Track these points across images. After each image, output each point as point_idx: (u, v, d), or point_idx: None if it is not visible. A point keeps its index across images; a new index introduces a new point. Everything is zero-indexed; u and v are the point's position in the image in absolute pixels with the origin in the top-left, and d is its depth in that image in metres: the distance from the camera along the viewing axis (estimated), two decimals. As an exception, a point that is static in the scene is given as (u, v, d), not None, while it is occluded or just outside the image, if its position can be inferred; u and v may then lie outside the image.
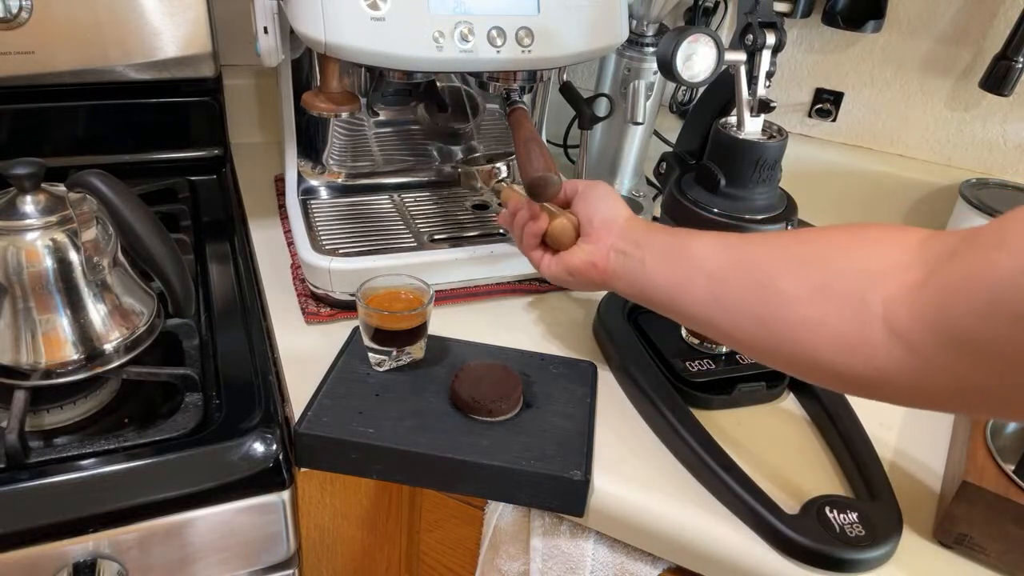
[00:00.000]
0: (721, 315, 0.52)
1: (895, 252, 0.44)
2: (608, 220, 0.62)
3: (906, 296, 0.41)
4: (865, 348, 0.43)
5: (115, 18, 0.87)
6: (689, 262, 0.54)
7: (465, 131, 0.91)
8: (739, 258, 0.51)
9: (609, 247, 0.61)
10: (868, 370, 0.43)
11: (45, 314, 0.60)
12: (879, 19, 0.95)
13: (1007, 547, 0.53)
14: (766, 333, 0.48)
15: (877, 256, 0.44)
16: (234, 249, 0.85)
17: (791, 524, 0.53)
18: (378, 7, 0.65)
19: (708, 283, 0.52)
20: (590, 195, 0.65)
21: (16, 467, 0.56)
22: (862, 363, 0.43)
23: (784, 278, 0.47)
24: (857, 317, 0.43)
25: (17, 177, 0.59)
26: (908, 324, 0.41)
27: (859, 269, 0.44)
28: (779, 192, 0.67)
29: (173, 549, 0.59)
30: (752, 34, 0.63)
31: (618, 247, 0.60)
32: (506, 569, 0.65)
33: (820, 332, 0.45)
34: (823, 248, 0.48)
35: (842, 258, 0.46)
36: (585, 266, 0.62)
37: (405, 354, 0.67)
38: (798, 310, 0.46)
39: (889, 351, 0.41)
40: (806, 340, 0.46)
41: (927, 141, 1.00)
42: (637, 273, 0.58)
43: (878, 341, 0.42)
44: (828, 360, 0.45)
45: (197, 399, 0.65)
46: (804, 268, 0.47)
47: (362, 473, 0.61)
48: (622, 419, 0.65)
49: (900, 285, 0.42)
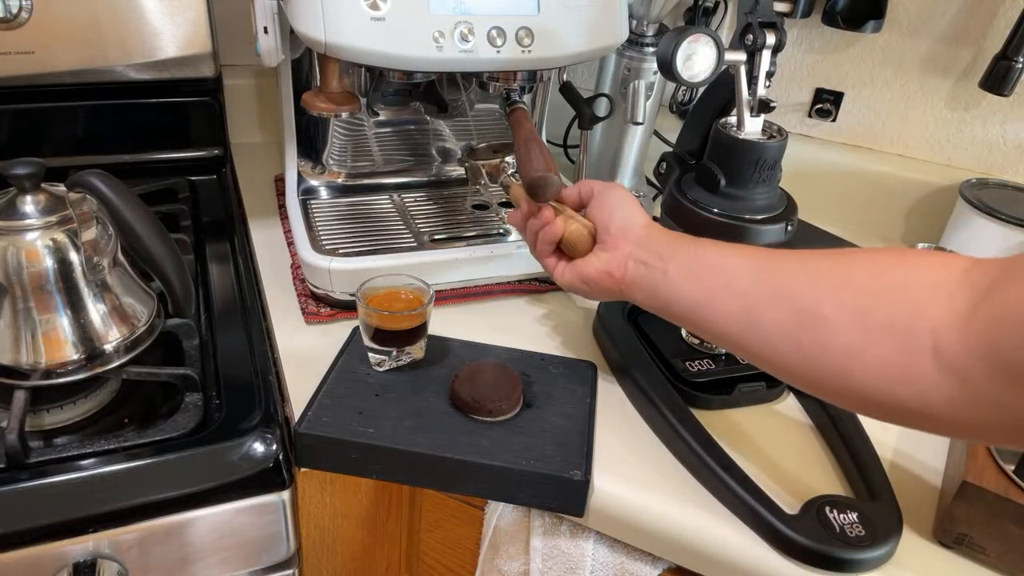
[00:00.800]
0: (754, 337, 0.49)
1: (939, 278, 0.42)
2: (626, 227, 0.60)
3: (955, 325, 0.40)
4: (913, 378, 0.41)
5: (115, 18, 0.87)
6: (717, 277, 0.52)
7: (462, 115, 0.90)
8: (774, 278, 0.49)
9: (627, 255, 0.58)
10: (915, 401, 0.41)
11: (45, 314, 0.60)
12: (879, 19, 0.95)
13: (1007, 547, 0.53)
14: (806, 361, 0.46)
15: (921, 282, 0.43)
16: (234, 249, 0.85)
17: (791, 524, 0.53)
18: (378, 7, 0.65)
19: (740, 302, 0.50)
20: (607, 199, 0.62)
21: (16, 467, 0.56)
22: (910, 394, 0.41)
23: (825, 303, 0.45)
24: (904, 346, 0.41)
25: (17, 177, 0.59)
26: (958, 354, 0.39)
27: (903, 295, 0.43)
28: (779, 192, 0.67)
29: (173, 549, 0.59)
30: (752, 34, 0.63)
31: (637, 256, 0.58)
32: (506, 569, 0.65)
33: (865, 361, 0.43)
34: (865, 272, 0.46)
35: (886, 284, 0.44)
36: (601, 275, 0.60)
37: (405, 354, 0.67)
38: (841, 338, 0.44)
39: (938, 382, 0.40)
40: (849, 369, 0.44)
41: (927, 141, 1.00)
42: (658, 284, 0.56)
43: (927, 371, 0.41)
44: (873, 390, 0.43)
45: (197, 399, 0.65)
46: (845, 293, 0.45)
47: (362, 473, 0.61)
48: (622, 419, 0.65)
49: (948, 313, 0.40)
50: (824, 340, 0.45)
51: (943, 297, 0.41)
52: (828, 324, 0.45)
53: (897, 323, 0.42)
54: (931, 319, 0.41)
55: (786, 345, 0.47)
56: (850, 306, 0.44)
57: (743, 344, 0.51)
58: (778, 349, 0.48)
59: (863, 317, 0.44)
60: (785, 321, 0.47)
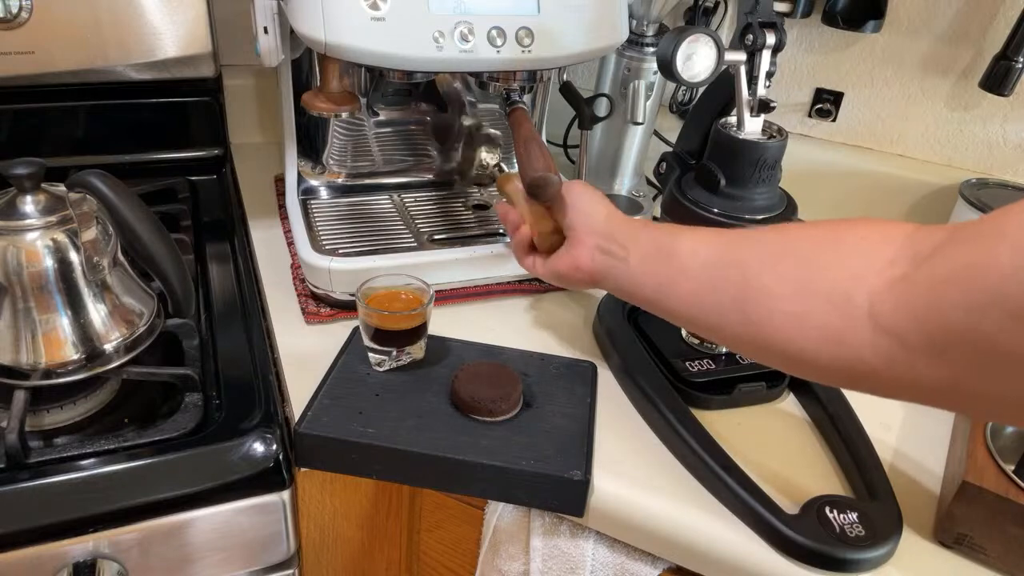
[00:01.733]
0: (706, 313, 0.52)
1: (880, 246, 0.43)
2: (587, 219, 0.62)
3: (892, 289, 0.41)
4: (851, 342, 0.43)
5: (115, 18, 0.87)
6: (673, 260, 0.54)
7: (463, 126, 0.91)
8: (721, 255, 0.51)
9: (592, 247, 0.61)
10: (855, 363, 0.43)
11: (45, 314, 0.60)
12: (879, 19, 0.95)
13: (1007, 547, 0.53)
14: (753, 330, 0.48)
15: (861, 251, 0.44)
16: (234, 249, 0.85)
17: (791, 524, 0.53)
18: (378, 7, 0.65)
19: (691, 282, 0.53)
20: (567, 197, 0.65)
21: (16, 467, 0.56)
22: (849, 356, 0.43)
23: (766, 274, 0.48)
24: (841, 312, 0.43)
25: (17, 177, 0.59)
26: (894, 317, 0.40)
27: (842, 264, 0.44)
28: (779, 192, 0.68)
29: (173, 549, 0.59)
30: (752, 34, 0.63)
31: (601, 246, 0.60)
32: (506, 569, 0.65)
33: (805, 327, 0.45)
34: (805, 244, 0.48)
35: (825, 253, 0.46)
36: (569, 269, 0.63)
37: (405, 354, 0.67)
38: (781, 306, 0.46)
39: (875, 344, 0.41)
40: (791, 336, 0.46)
41: (927, 141, 1.00)
42: (621, 273, 0.58)
43: (864, 335, 0.42)
44: (814, 354, 0.45)
45: (197, 399, 0.65)
46: (785, 264, 0.47)
47: (362, 473, 0.61)
48: (622, 419, 0.65)
49: (886, 279, 0.42)
50: (767, 310, 0.47)
51: (881, 262, 0.42)
52: (770, 294, 0.47)
53: (836, 291, 0.44)
54: (868, 283, 0.42)
55: (732, 315, 0.49)
56: (791, 276, 0.46)
57: (699, 321, 0.53)
58: (725, 319, 0.50)
59: (804, 286, 0.45)
60: (731, 293, 0.49)
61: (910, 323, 0.40)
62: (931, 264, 0.40)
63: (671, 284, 0.54)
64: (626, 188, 1.01)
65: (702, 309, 0.52)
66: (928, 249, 0.41)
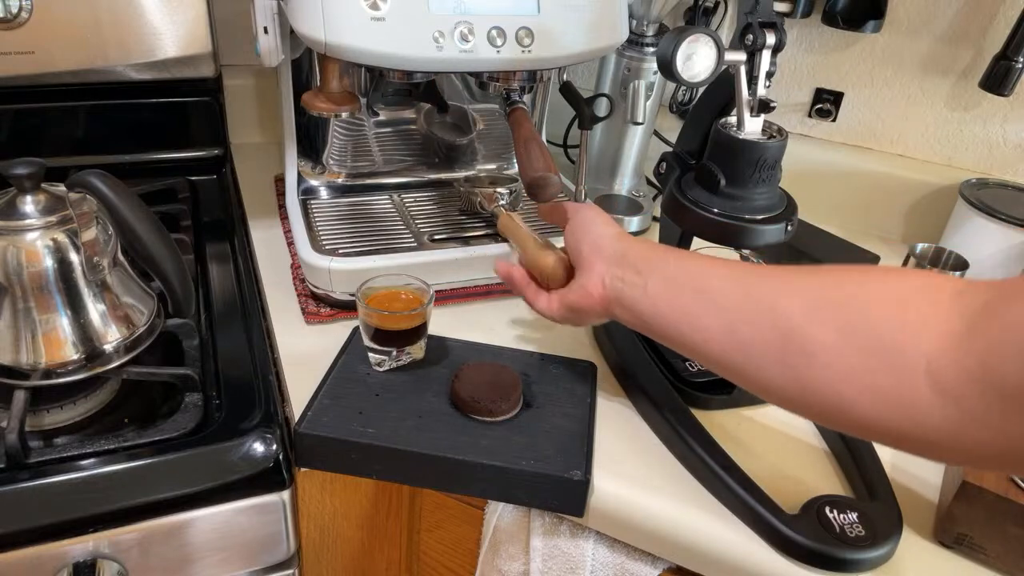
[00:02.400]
0: (739, 356, 0.47)
1: (931, 299, 0.41)
2: (597, 245, 0.58)
3: (949, 347, 0.38)
4: (906, 402, 0.40)
5: (115, 18, 0.87)
6: (699, 292, 0.50)
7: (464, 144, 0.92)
8: (759, 294, 0.47)
9: (602, 274, 0.57)
10: (909, 425, 0.40)
11: (45, 314, 0.60)
12: (879, 19, 0.95)
13: (1007, 547, 0.53)
14: (793, 381, 0.44)
15: (914, 304, 0.41)
16: (234, 249, 0.85)
17: (791, 524, 0.53)
18: (378, 7, 0.65)
19: (723, 319, 0.48)
20: (575, 223, 0.62)
21: (16, 467, 0.56)
22: (902, 417, 0.40)
23: (811, 322, 0.43)
24: (895, 368, 0.40)
25: (17, 177, 0.59)
26: (953, 378, 0.38)
27: (893, 316, 0.41)
28: (779, 192, 0.67)
29: (173, 549, 0.59)
30: (752, 34, 0.63)
31: (613, 272, 0.56)
32: (506, 569, 0.65)
33: (855, 384, 0.41)
34: (853, 291, 0.44)
35: (875, 304, 0.42)
36: (581, 298, 0.58)
37: (405, 354, 0.67)
38: (829, 360, 0.42)
39: (931, 406, 0.39)
40: (839, 392, 0.42)
41: (927, 141, 1.00)
42: (638, 301, 0.54)
43: (920, 395, 0.39)
44: (863, 414, 0.42)
45: (197, 399, 0.65)
46: (833, 313, 0.43)
47: (362, 473, 0.61)
48: (622, 419, 0.65)
49: (941, 335, 0.39)
50: (810, 360, 0.43)
51: (935, 318, 0.40)
52: (814, 342, 0.43)
53: (887, 344, 0.41)
54: (924, 340, 0.39)
55: (772, 366, 0.45)
56: (837, 325, 0.43)
57: (728, 364, 0.49)
58: (764, 369, 0.46)
59: (851, 337, 0.42)
60: (770, 340, 0.45)
61: (969, 385, 0.38)
62: (986, 324, 0.38)
63: (695, 317, 0.50)
64: (626, 188, 1.01)
65: (737, 353, 0.47)
66: (979, 306, 0.39)
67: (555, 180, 0.65)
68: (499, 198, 0.83)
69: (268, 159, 1.05)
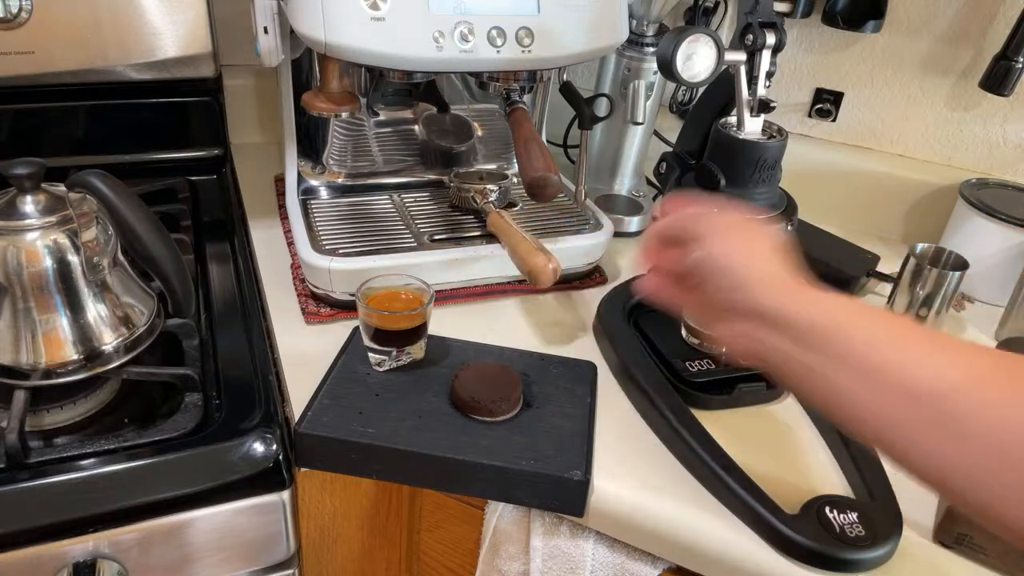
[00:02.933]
0: (895, 437, 0.39)
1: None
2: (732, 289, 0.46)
3: None
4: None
5: (115, 18, 0.87)
6: (847, 359, 0.41)
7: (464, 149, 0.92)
8: (908, 364, 0.39)
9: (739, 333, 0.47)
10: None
11: (45, 314, 0.60)
12: (879, 19, 0.95)
13: (1007, 547, 0.53)
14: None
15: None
16: (234, 249, 0.85)
17: (791, 524, 0.53)
18: (378, 7, 0.65)
19: (872, 393, 0.40)
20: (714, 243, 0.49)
21: (16, 467, 0.56)
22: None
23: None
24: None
25: (17, 177, 0.59)
26: None
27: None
28: (779, 192, 0.68)
29: (173, 549, 0.59)
30: (752, 34, 0.63)
31: (758, 336, 0.45)
32: (506, 569, 0.65)
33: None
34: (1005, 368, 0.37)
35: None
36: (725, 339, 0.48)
37: (405, 354, 0.67)
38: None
39: None
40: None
41: (927, 141, 1.00)
42: (805, 379, 0.43)
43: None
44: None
45: (197, 399, 0.65)
46: (995, 390, 0.36)
47: (362, 473, 0.61)
48: (622, 419, 0.65)
49: None
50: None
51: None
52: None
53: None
54: None
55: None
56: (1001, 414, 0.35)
57: (888, 444, 0.40)
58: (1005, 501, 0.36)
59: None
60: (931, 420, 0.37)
61: None
62: None
63: (897, 408, 0.39)
64: (626, 188, 1.01)
65: (889, 428, 0.39)
66: None
67: (555, 180, 0.65)
68: (489, 194, 0.83)
69: (268, 159, 1.05)
